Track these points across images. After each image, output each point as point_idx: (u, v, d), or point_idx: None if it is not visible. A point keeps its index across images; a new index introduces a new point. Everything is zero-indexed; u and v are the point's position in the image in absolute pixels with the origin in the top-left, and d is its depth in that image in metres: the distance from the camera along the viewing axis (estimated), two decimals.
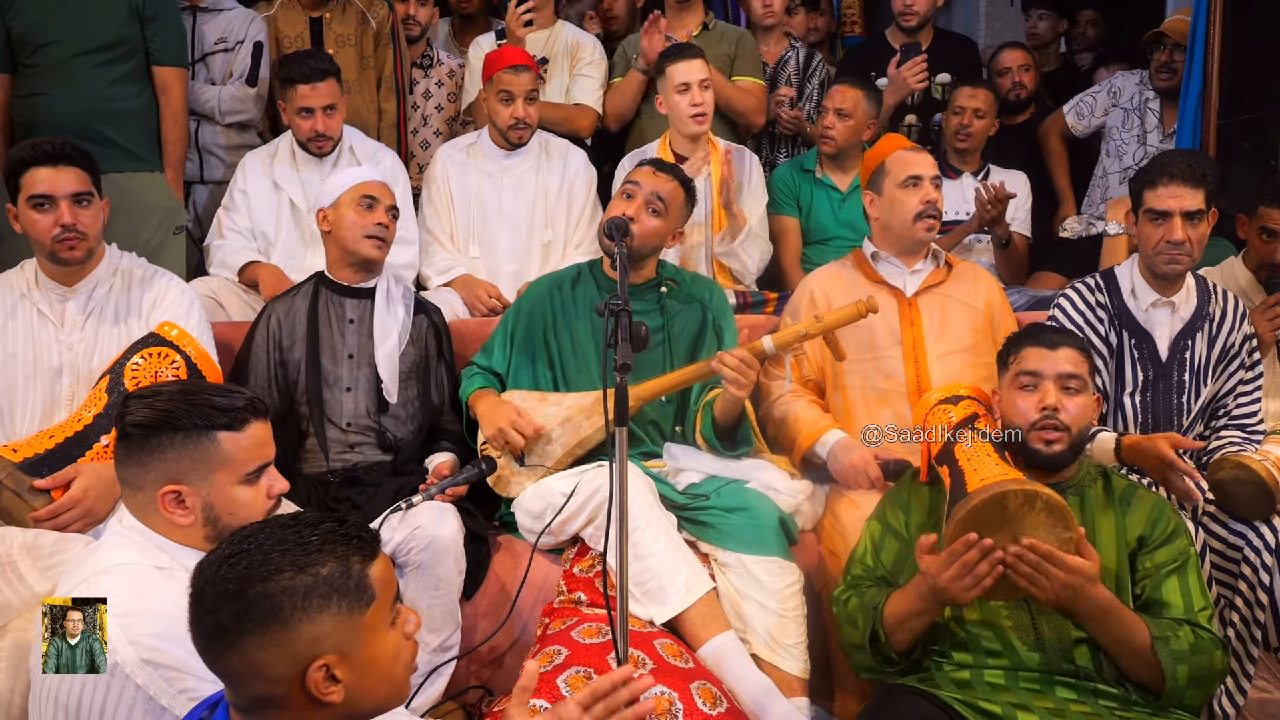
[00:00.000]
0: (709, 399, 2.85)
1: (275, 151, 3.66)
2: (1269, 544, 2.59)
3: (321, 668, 1.32)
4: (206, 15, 3.96)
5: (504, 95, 3.64)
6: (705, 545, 2.65)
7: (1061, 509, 2.07)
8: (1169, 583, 2.20)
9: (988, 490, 2.07)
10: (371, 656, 1.36)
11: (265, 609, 1.31)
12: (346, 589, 1.34)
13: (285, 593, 1.31)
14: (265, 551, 1.34)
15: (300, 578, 1.32)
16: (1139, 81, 4.43)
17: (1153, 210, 2.80)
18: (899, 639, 2.20)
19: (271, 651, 1.31)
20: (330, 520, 1.40)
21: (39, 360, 2.67)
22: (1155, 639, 2.08)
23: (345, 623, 1.34)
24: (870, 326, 2.92)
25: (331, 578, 1.34)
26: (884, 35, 4.72)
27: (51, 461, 2.44)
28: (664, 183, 2.94)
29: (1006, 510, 2.07)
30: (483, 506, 2.86)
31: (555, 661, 2.31)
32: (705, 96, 3.66)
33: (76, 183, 2.61)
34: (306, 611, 1.32)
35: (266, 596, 1.31)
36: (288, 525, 1.39)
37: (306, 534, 1.36)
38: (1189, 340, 2.87)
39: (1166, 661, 2.07)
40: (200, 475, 1.74)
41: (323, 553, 1.35)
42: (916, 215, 2.99)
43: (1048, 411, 2.29)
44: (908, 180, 3.00)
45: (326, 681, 1.33)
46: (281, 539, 1.36)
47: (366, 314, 2.95)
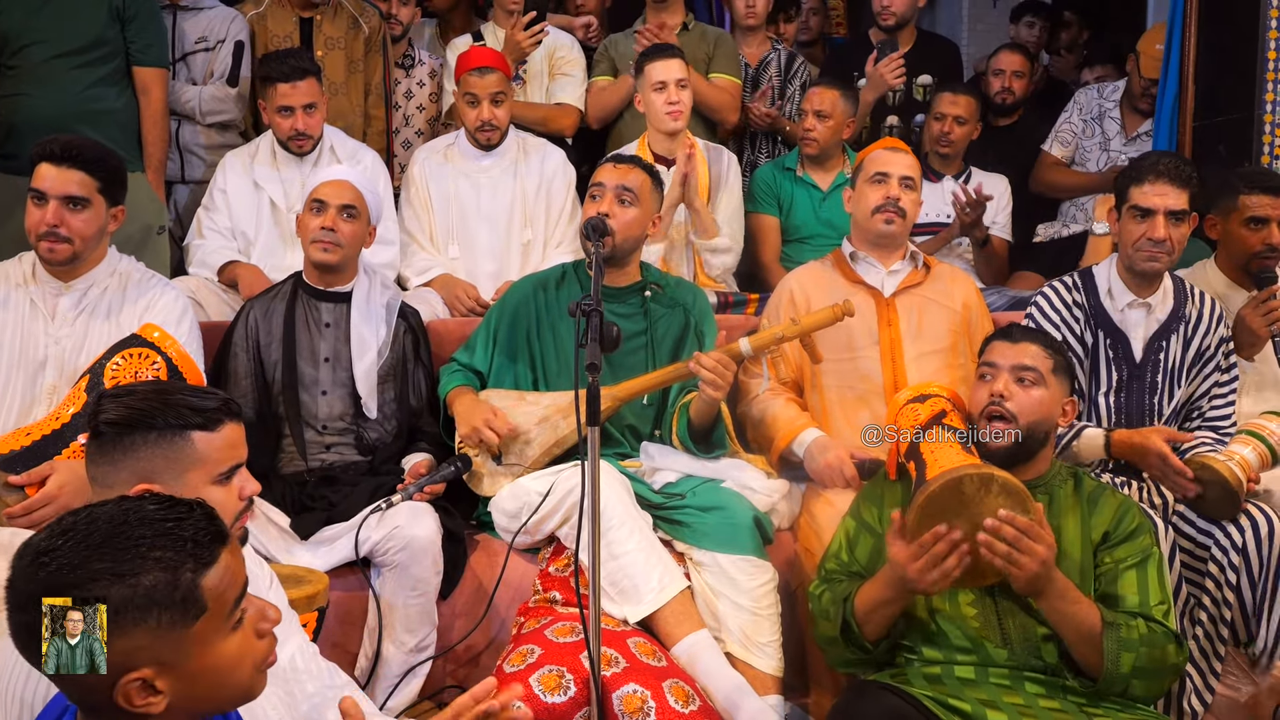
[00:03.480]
0: (685, 401, 2.86)
1: (255, 151, 3.66)
2: (1236, 544, 2.61)
3: (134, 682, 1.19)
4: (187, 14, 3.96)
5: (469, 98, 3.66)
6: (680, 544, 2.67)
7: (1018, 491, 2.09)
8: (1126, 576, 2.22)
9: (944, 476, 2.10)
10: (202, 667, 1.24)
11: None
12: (170, 601, 1.20)
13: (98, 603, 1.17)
14: (84, 550, 1.19)
15: (116, 588, 1.18)
16: (1097, 92, 4.51)
17: (1138, 207, 2.82)
18: (870, 629, 2.22)
19: None
20: (170, 514, 1.25)
21: (25, 352, 2.68)
22: (1106, 624, 2.11)
23: (166, 636, 1.20)
24: (848, 327, 2.94)
25: (154, 589, 1.19)
26: (866, 36, 4.75)
27: (28, 458, 2.43)
28: (626, 173, 2.95)
29: (963, 494, 2.09)
30: (460, 506, 2.87)
31: (529, 660, 2.32)
32: (682, 95, 3.68)
33: (75, 185, 2.61)
34: (119, 625, 1.18)
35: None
36: (119, 517, 1.23)
37: (136, 532, 1.21)
38: (1164, 341, 2.88)
39: (1110, 647, 2.09)
40: (173, 475, 1.74)
41: (148, 560, 1.20)
42: (876, 208, 3.02)
43: (995, 398, 2.32)
44: (875, 176, 3.05)
45: (142, 693, 1.20)
46: (108, 535, 1.21)
47: (343, 318, 2.96)
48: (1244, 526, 2.62)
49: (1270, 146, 3.74)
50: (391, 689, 2.62)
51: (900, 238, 3.07)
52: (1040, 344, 2.40)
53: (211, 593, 1.24)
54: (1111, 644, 2.09)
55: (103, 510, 1.25)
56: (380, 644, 2.62)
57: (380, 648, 2.62)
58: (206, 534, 1.25)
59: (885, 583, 2.19)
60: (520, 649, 2.37)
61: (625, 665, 2.31)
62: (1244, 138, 3.76)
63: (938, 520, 2.08)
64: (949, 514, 2.09)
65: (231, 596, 1.27)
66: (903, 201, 3.02)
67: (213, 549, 1.25)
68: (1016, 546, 2.05)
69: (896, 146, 3.14)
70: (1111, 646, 2.09)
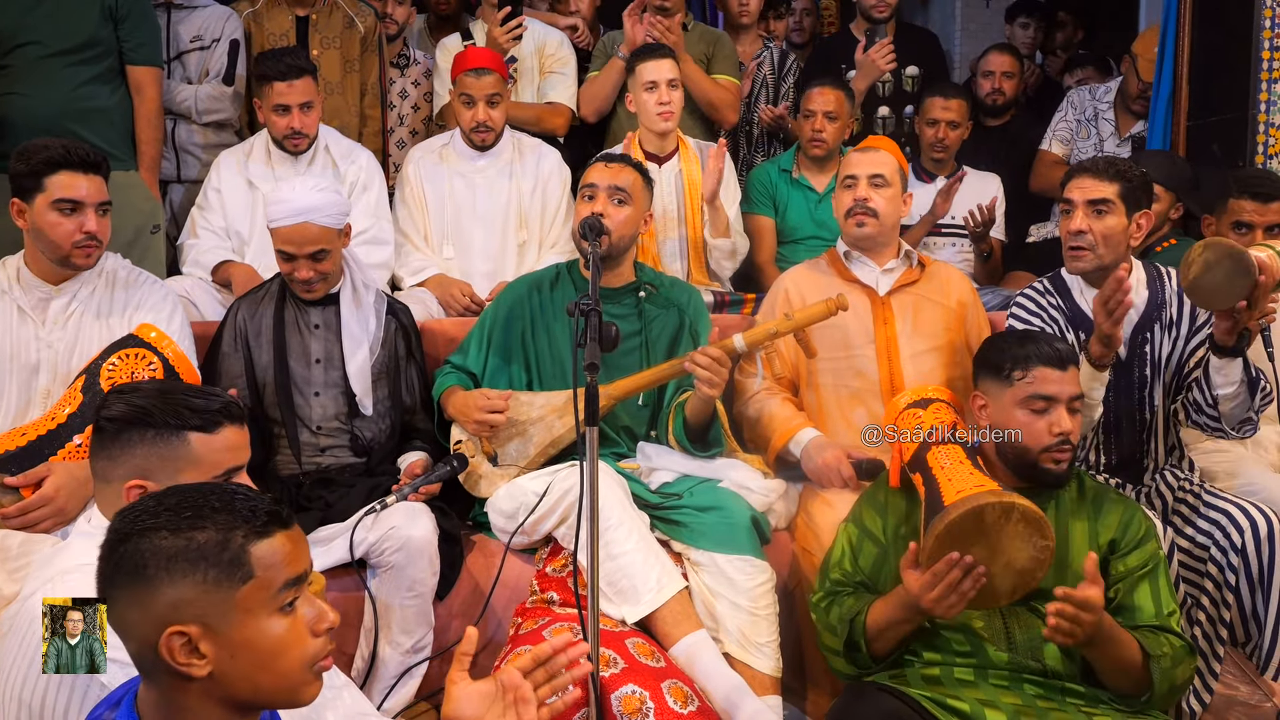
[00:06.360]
0: (680, 401, 2.86)
1: (250, 150, 3.65)
2: (1235, 544, 2.61)
3: (177, 635, 1.27)
4: (181, 13, 3.95)
5: (465, 98, 3.66)
6: (678, 544, 2.66)
7: (1038, 520, 2.09)
8: (1141, 588, 2.23)
9: (964, 504, 2.09)
10: (246, 640, 1.30)
11: (133, 564, 1.29)
12: (219, 560, 1.29)
13: (154, 551, 1.28)
14: (158, 509, 1.32)
15: (173, 539, 1.29)
16: (1090, 93, 4.52)
17: (1065, 201, 2.82)
18: (879, 646, 2.23)
19: (136, 610, 1.29)
20: (241, 492, 1.36)
21: (16, 358, 2.67)
22: (1152, 658, 2.11)
23: (211, 595, 1.29)
24: (843, 325, 2.94)
25: (205, 545, 1.29)
26: (848, 30, 4.77)
27: (23, 459, 2.44)
28: (618, 173, 2.94)
29: (984, 523, 2.09)
30: (456, 506, 2.86)
31: None
32: (673, 96, 3.69)
33: (102, 192, 2.66)
34: (170, 574, 1.28)
35: (137, 553, 1.29)
36: (199, 488, 1.36)
37: (206, 499, 1.33)
38: (1147, 334, 2.83)
39: (1159, 680, 2.11)
40: (167, 473, 1.75)
41: (206, 519, 1.31)
42: (847, 212, 3.05)
43: (1062, 436, 2.30)
44: (845, 180, 3.08)
45: (185, 651, 1.28)
46: (183, 500, 1.33)
47: (333, 319, 2.94)
48: (1243, 527, 2.62)
49: (1264, 146, 3.75)
50: (388, 690, 2.61)
51: (878, 237, 3.05)
52: (1075, 363, 2.39)
53: (260, 563, 1.31)
54: (1158, 675, 2.11)
55: (200, 484, 1.42)
56: (377, 645, 2.62)
57: (377, 649, 2.62)
58: (267, 512, 1.35)
59: (898, 605, 2.19)
60: (518, 650, 2.36)
61: (624, 666, 2.30)
62: (1238, 137, 3.77)
63: (956, 547, 2.08)
64: (968, 541, 2.09)
65: (282, 577, 1.33)
66: (872, 202, 3.02)
67: (269, 525, 1.34)
68: (1076, 622, 2.03)
69: (869, 146, 3.14)
70: (1159, 679, 2.11)
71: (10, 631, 1.65)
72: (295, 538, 1.37)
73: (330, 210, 2.81)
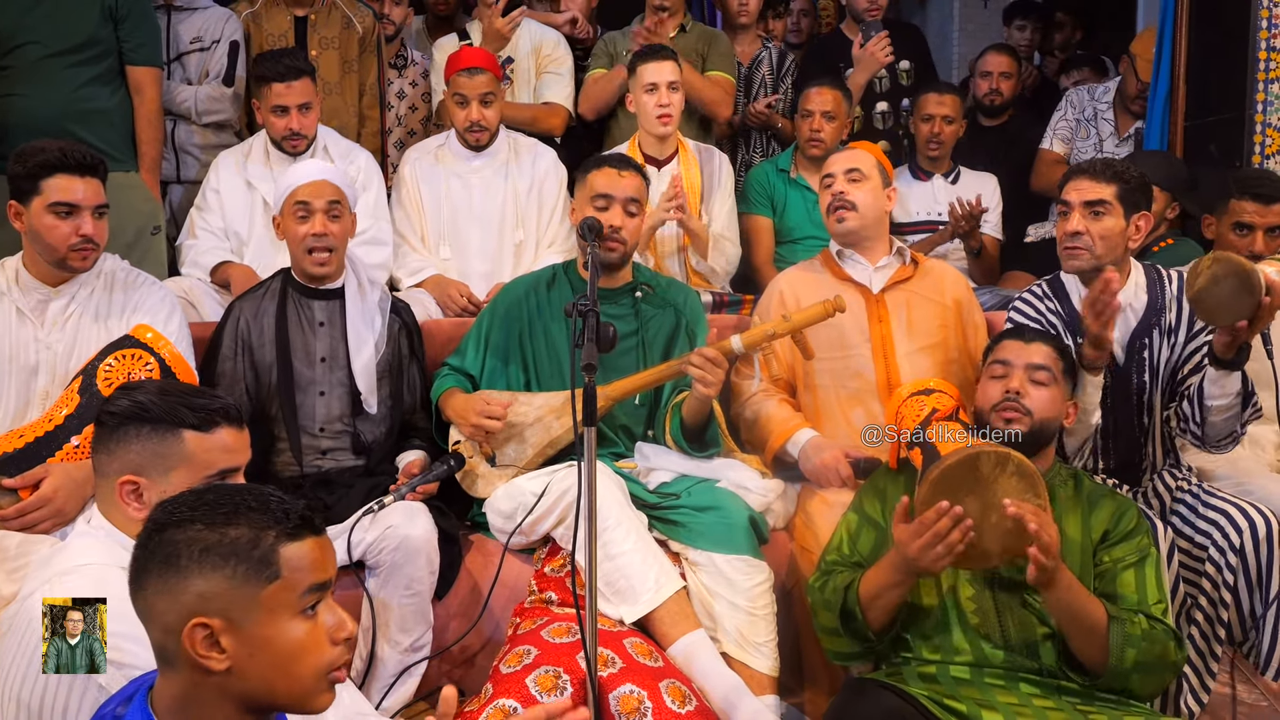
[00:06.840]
0: (677, 401, 2.86)
1: (249, 150, 3.65)
2: (1233, 544, 2.61)
3: (201, 626, 1.31)
4: (181, 14, 3.96)
5: (459, 98, 3.66)
6: (676, 544, 2.67)
7: (1032, 474, 2.11)
8: (1125, 575, 2.24)
9: (961, 452, 2.11)
10: (266, 638, 1.33)
11: (166, 553, 1.32)
12: (249, 557, 1.33)
13: (188, 542, 1.32)
14: (196, 504, 1.36)
15: (207, 533, 1.33)
16: (1088, 93, 4.53)
17: (1062, 202, 2.83)
18: (873, 615, 2.23)
19: (165, 598, 1.32)
20: (277, 494, 1.39)
21: (15, 359, 2.67)
22: (1111, 618, 2.12)
23: (238, 590, 1.32)
24: (839, 324, 2.94)
25: (237, 541, 1.33)
26: (840, 30, 4.80)
27: (20, 461, 2.44)
28: (630, 181, 2.94)
29: (979, 472, 2.10)
30: (454, 506, 2.86)
31: (525, 661, 2.32)
32: (673, 98, 3.69)
33: (99, 195, 2.65)
34: (201, 565, 1.32)
35: (171, 542, 1.33)
36: (239, 487, 1.40)
37: (243, 498, 1.37)
38: (1145, 339, 2.83)
39: (1115, 641, 2.11)
40: (159, 471, 1.76)
41: (241, 517, 1.35)
42: (827, 210, 3.09)
43: (1010, 394, 2.38)
44: (824, 180, 3.12)
45: (206, 644, 1.31)
46: (220, 496, 1.37)
47: (337, 315, 2.94)
48: (1242, 527, 2.62)
49: (1261, 146, 3.76)
50: (386, 689, 2.61)
51: (860, 230, 3.05)
52: (1051, 345, 2.46)
53: (287, 564, 1.35)
54: (1116, 638, 2.11)
55: (240, 484, 1.46)
56: (375, 644, 2.62)
57: (375, 648, 2.62)
58: (300, 516, 1.38)
59: (889, 566, 2.20)
60: (516, 649, 2.37)
61: (622, 666, 2.30)
62: (1235, 137, 3.78)
63: (949, 496, 2.09)
64: (961, 491, 2.10)
65: (308, 580, 1.36)
66: (849, 194, 3.03)
67: (300, 530, 1.37)
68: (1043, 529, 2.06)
69: (849, 146, 3.18)
70: (1116, 640, 2.11)
71: (9, 631, 1.65)
72: (324, 545, 1.41)
73: (343, 181, 2.94)
